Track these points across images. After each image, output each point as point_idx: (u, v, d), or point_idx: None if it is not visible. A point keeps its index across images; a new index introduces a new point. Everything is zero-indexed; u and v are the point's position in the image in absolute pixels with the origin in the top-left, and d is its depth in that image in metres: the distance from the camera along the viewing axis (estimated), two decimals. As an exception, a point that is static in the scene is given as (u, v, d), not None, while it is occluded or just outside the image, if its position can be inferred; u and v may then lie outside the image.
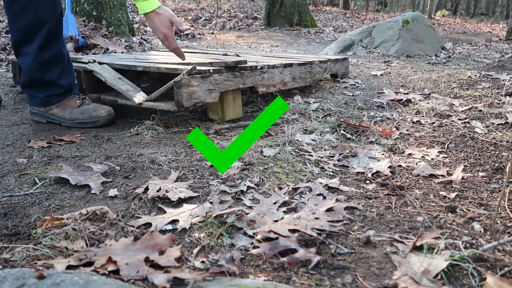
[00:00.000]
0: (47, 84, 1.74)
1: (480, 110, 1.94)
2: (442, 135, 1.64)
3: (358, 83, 2.70)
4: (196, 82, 1.66)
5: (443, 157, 1.41)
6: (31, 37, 1.65)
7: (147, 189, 1.14)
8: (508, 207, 1.04)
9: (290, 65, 2.22)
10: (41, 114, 1.81)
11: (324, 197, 1.09)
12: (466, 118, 1.84)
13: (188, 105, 1.66)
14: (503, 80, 2.65)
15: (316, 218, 0.98)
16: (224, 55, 2.51)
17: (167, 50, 2.85)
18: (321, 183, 1.18)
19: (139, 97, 1.72)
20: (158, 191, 1.12)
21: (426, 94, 2.32)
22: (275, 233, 0.90)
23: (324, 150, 1.47)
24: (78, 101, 1.79)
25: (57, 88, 1.76)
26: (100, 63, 1.96)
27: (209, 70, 1.72)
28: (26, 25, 1.62)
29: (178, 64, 1.86)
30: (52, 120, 1.80)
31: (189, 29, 1.69)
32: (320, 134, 1.64)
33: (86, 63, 1.96)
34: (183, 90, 1.63)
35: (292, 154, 1.41)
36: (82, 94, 1.86)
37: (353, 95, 2.32)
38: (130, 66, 1.88)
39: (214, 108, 1.85)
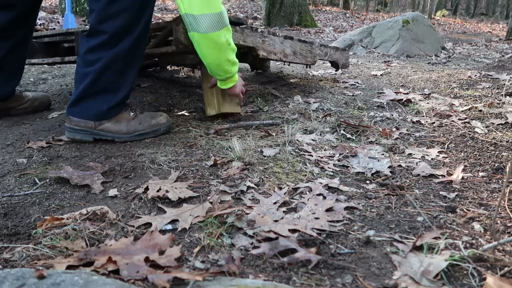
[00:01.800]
0: (109, 91, 1.51)
1: (480, 110, 1.94)
2: (442, 135, 1.64)
3: (358, 83, 2.70)
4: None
5: (443, 157, 1.41)
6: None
7: (147, 189, 1.14)
8: (508, 207, 1.04)
9: (291, 38, 2.25)
10: (88, 131, 1.52)
11: (324, 197, 1.09)
12: (466, 118, 1.84)
13: (186, 42, 1.59)
14: (503, 80, 2.65)
15: (316, 218, 0.98)
16: None
17: None
18: (321, 183, 1.18)
19: None
20: (158, 191, 1.12)
21: (426, 94, 2.32)
22: (275, 233, 0.90)
23: (324, 150, 1.47)
24: (132, 113, 1.59)
25: (117, 97, 1.53)
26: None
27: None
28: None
29: None
30: (103, 137, 1.54)
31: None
32: (320, 134, 1.64)
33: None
34: (181, 26, 1.58)
35: (292, 154, 1.41)
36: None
37: (353, 95, 2.32)
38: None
39: (210, 102, 1.84)
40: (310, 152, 1.43)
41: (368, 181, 1.23)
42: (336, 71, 3.13)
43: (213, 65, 1.56)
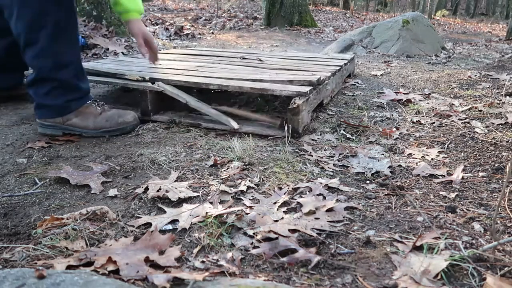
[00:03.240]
0: (64, 86, 1.58)
1: (480, 110, 1.94)
2: (442, 135, 1.64)
3: (358, 83, 2.70)
4: (304, 107, 1.59)
5: (443, 157, 1.41)
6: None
7: (147, 189, 1.14)
8: (508, 207, 1.04)
9: (334, 74, 2.18)
10: (57, 126, 1.61)
11: (324, 197, 1.09)
12: (466, 118, 1.84)
13: (301, 131, 1.58)
14: (503, 80, 2.65)
15: (316, 218, 0.98)
16: (242, 58, 2.47)
17: (168, 52, 2.84)
18: (321, 183, 1.18)
19: (234, 123, 1.65)
20: (158, 191, 1.12)
21: (426, 94, 2.32)
22: (275, 233, 0.90)
23: (324, 150, 1.47)
24: (99, 108, 1.64)
25: (76, 91, 1.60)
26: (152, 80, 1.80)
27: (307, 92, 1.62)
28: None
29: (261, 82, 1.77)
30: (72, 132, 1.62)
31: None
32: (320, 134, 1.64)
33: (134, 80, 1.81)
34: (299, 117, 1.55)
35: (292, 154, 1.41)
36: (148, 116, 1.74)
37: (353, 95, 2.32)
38: (199, 83, 1.76)
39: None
40: (310, 152, 1.43)
41: (368, 181, 1.23)
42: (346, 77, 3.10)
43: None
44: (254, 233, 0.91)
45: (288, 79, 1.77)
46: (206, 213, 1.00)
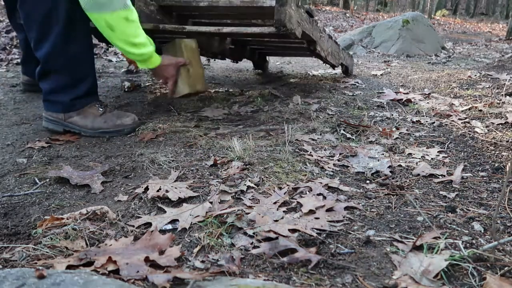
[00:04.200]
0: (71, 85, 1.60)
1: (480, 110, 1.94)
2: (442, 135, 1.64)
3: (358, 83, 2.70)
4: (293, 6, 1.61)
5: (443, 157, 1.41)
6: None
7: (147, 189, 1.14)
8: (508, 207, 1.04)
9: (330, 37, 2.31)
10: (59, 122, 1.65)
11: (324, 197, 1.09)
12: (466, 118, 1.84)
13: (288, 26, 1.59)
14: (503, 80, 2.65)
15: (316, 218, 0.98)
16: None
17: None
18: (321, 183, 1.18)
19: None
20: (158, 191, 1.12)
21: (426, 94, 2.32)
22: (275, 233, 0.90)
23: (324, 150, 1.47)
24: (101, 109, 1.66)
25: (83, 90, 1.63)
26: None
27: (298, 1, 1.68)
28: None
29: None
30: (71, 129, 1.65)
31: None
32: (320, 134, 1.64)
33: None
34: (286, 8, 1.57)
35: (292, 154, 1.41)
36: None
37: (353, 95, 2.32)
38: (188, 1, 1.80)
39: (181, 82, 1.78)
40: (310, 152, 1.43)
41: (368, 181, 1.23)
42: (345, 76, 3.10)
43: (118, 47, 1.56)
44: (254, 233, 0.91)
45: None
46: (206, 213, 1.00)
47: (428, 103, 2.14)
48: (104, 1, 1.40)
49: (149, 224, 0.97)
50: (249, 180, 1.18)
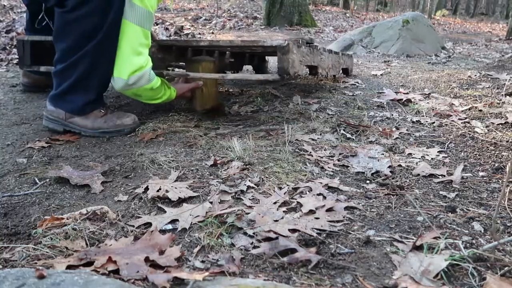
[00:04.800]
0: (88, 89, 1.63)
1: (480, 110, 1.94)
2: (442, 135, 1.64)
3: (358, 83, 2.70)
4: (295, 50, 1.63)
5: (443, 157, 1.41)
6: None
7: (147, 188, 1.14)
8: (508, 207, 1.04)
9: (330, 51, 2.32)
10: (59, 121, 1.66)
11: (324, 197, 1.09)
12: (466, 118, 1.84)
13: (292, 73, 1.60)
14: (503, 80, 2.65)
15: (316, 218, 0.98)
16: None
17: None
18: (321, 183, 1.18)
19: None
20: (158, 191, 1.12)
21: (426, 94, 2.32)
22: (275, 233, 0.90)
23: (324, 150, 1.47)
24: (102, 111, 1.68)
25: (95, 95, 1.66)
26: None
27: (299, 40, 1.69)
28: None
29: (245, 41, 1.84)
30: (72, 129, 1.66)
31: (188, 75, 1.80)
32: (320, 134, 1.64)
33: None
34: (289, 56, 1.59)
35: (292, 154, 1.41)
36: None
37: (353, 95, 2.32)
38: (189, 41, 1.85)
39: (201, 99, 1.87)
40: (310, 152, 1.43)
41: (368, 181, 1.23)
42: (345, 76, 3.10)
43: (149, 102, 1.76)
44: (254, 233, 0.91)
45: (283, 39, 1.83)
46: (206, 213, 1.00)
47: (428, 103, 2.14)
48: (133, 81, 1.57)
49: (149, 224, 0.97)
50: (249, 180, 1.18)
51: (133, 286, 0.69)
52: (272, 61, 3.20)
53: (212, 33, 7.06)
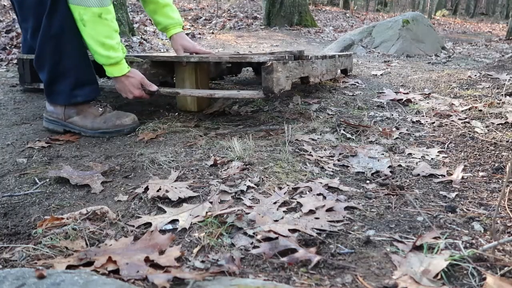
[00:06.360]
0: (74, 75, 1.60)
1: (480, 110, 1.94)
2: (442, 135, 1.64)
3: (358, 83, 2.70)
4: (280, 68, 1.62)
5: (443, 157, 1.41)
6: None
7: (147, 189, 1.14)
8: (508, 207, 1.04)
9: (325, 57, 2.31)
10: (59, 122, 1.67)
11: (324, 197, 1.09)
12: (466, 118, 1.84)
13: (276, 91, 1.60)
14: (503, 80, 2.65)
15: (316, 218, 0.98)
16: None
17: (170, 51, 2.85)
18: (321, 183, 1.18)
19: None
20: (158, 191, 1.12)
21: (426, 94, 2.32)
22: (275, 233, 0.90)
23: (324, 150, 1.47)
24: (100, 109, 1.67)
25: (82, 82, 1.63)
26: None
27: (285, 56, 1.69)
28: None
29: (236, 56, 1.82)
30: (71, 129, 1.67)
31: (159, 90, 1.66)
32: (320, 134, 1.64)
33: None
34: (273, 75, 1.58)
35: (292, 154, 1.41)
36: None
37: (353, 95, 2.32)
38: (180, 57, 1.85)
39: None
40: (310, 152, 1.43)
41: (368, 181, 1.23)
42: (345, 76, 3.10)
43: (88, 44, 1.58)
44: (254, 233, 0.91)
45: (270, 52, 1.83)
46: (206, 213, 1.00)
47: (428, 103, 2.14)
48: None
49: (149, 224, 0.97)
50: (249, 180, 1.18)
51: (133, 286, 0.69)
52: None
53: (212, 33, 7.06)
